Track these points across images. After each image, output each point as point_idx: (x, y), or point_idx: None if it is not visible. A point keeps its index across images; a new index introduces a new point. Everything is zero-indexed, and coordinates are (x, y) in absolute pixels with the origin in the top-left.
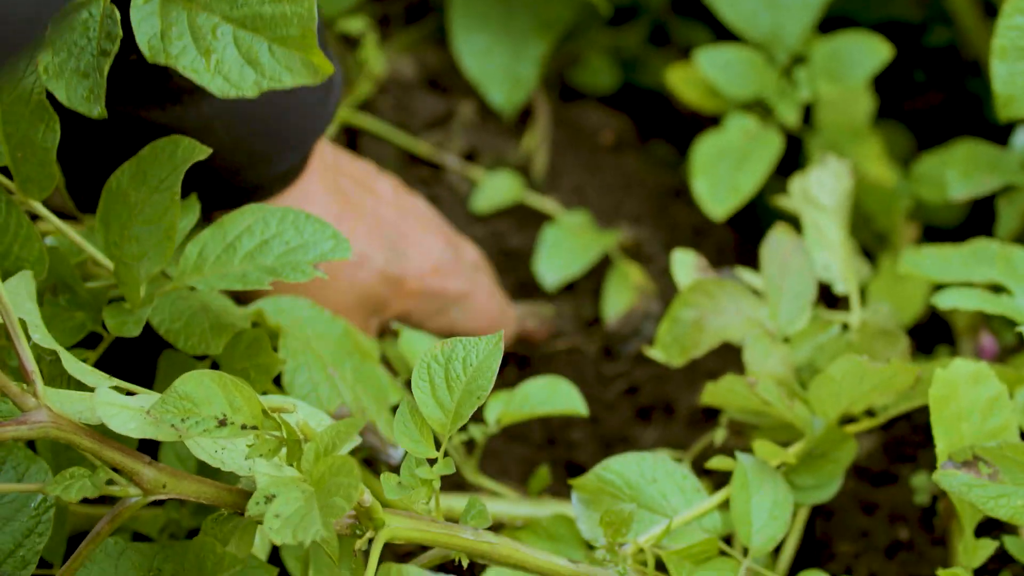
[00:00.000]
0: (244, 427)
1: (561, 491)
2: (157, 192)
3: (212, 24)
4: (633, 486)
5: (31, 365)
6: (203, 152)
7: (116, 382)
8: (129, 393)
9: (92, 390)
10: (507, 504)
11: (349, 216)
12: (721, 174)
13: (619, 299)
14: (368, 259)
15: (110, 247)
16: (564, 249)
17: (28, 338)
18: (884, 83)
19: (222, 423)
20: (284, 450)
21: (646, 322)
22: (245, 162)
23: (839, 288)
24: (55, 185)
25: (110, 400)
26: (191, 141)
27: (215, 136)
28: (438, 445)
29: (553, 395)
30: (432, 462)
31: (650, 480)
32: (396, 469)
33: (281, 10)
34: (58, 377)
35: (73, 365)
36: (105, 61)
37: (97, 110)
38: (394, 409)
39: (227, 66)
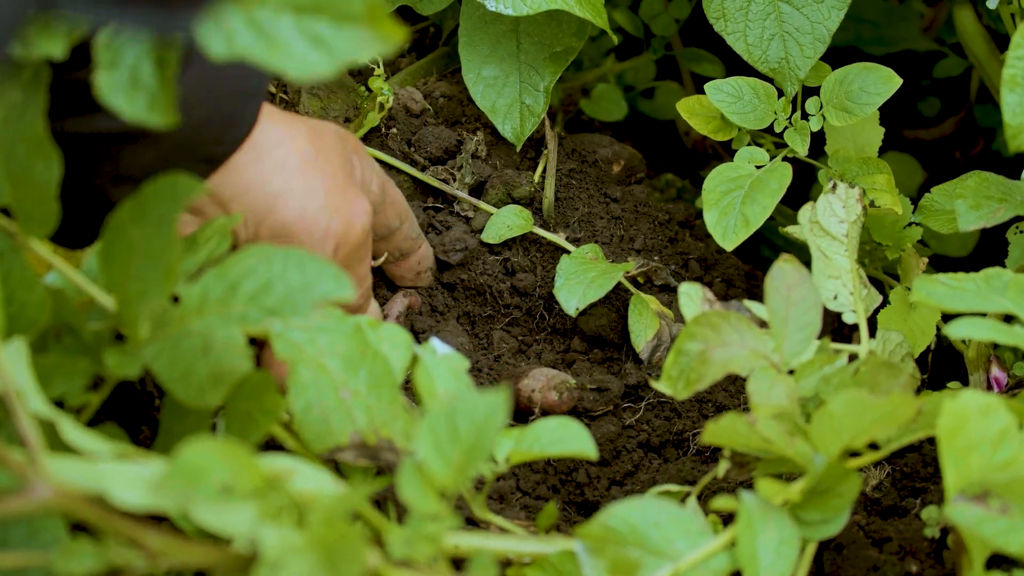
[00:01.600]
0: (248, 495)
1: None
2: (158, 228)
3: (270, 17)
4: (638, 531)
5: (32, 436)
6: (202, 189)
7: (120, 448)
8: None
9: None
10: (514, 541)
11: (291, 116)
12: (731, 206)
13: (644, 326)
14: (327, 127)
15: (112, 286)
16: (582, 278)
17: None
18: (894, 114)
19: (226, 492)
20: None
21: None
22: (226, 123)
23: (848, 318)
24: (56, 222)
25: (113, 472)
26: (190, 179)
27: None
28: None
29: (564, 435)
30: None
31: (654, 524)
32: None
33: None
34: (59, 440)
35: (72, 433)
36: (168, 71)
37: (166, 119)
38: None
39: (295, 53)
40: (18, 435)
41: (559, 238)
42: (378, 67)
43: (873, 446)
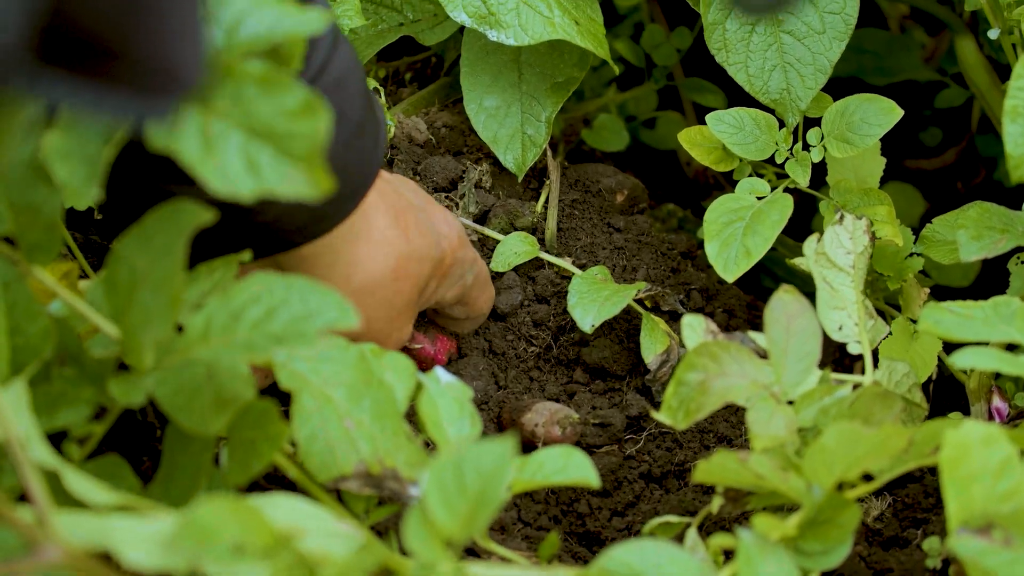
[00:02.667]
0: (259, 554)
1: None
2: (162, 257)
3: (223, 130)
4: (639, 574)
5: (39, 493)
6: (206, 216)
7: (125, 498)
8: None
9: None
10: (516, 571)
11: (402, 216)
12: (733, 237)
13: (655, 342)
14: (423, 251)
15: (116, 314)
16: (595, 296)
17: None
18: (895, 143)
19: (237, 551)
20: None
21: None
22: (309, 219)
23: (852, 348)
24: (60, 250)
25: (122, 529)
26: (194, 207)
27: (278, 205)
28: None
29: (566, 465)
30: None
31: (655, 566)
32: None
33: (294, 128)
34: (59, 488)
35: (78, 484)
36: (109, 149)
37: (93, 194)
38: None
39: (228, 168)
40: (20, 484)
41: (566, 263)
42: (380, 97)
43: (868, 477)
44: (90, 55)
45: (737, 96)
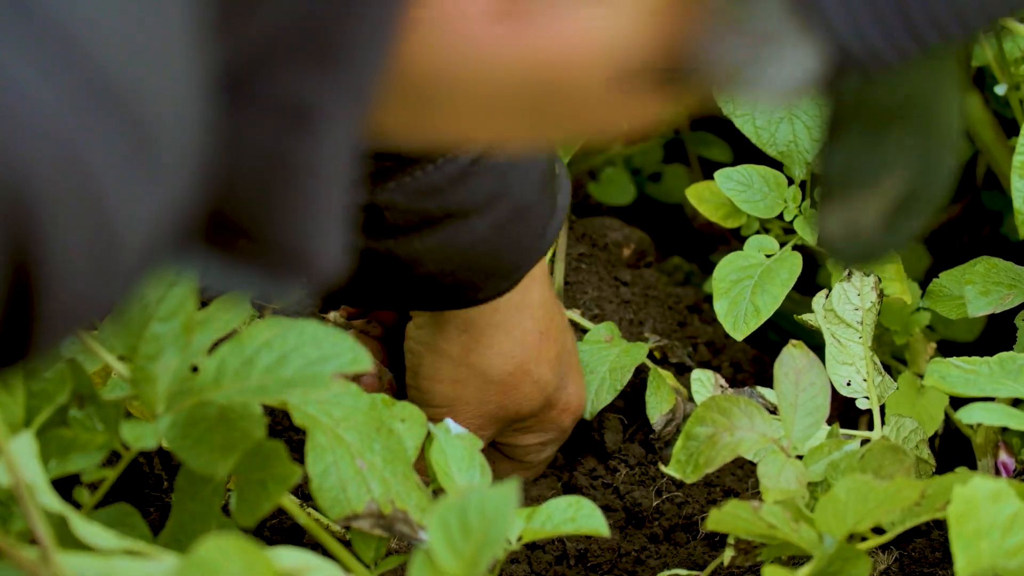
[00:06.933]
0: None
1: None
2: (174, 286)
3: None
4: None
5: (43, 533)
6: None
7: (129, 544)
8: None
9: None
10: None
11: (549, 339)
12: (742, 295)
13: (660, 400)
14: (547, 384)
15: (128, 351)
16: (596, 372)
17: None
18: None
19: None
20: None
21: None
22: (451, 291)
23: (861, 404)
24: None
25: (126, 569)
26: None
27: (424, 267)
28: None
29: (576, 514)
30: None
31: None
32: None
33: None
34: (68, 535)
35: (83, 529)
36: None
37: None
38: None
39: None
40: (28, 530)
41: (575, 315)
42: None
43: (879, 531)
44: (230, 235)
45: (743, 150)
